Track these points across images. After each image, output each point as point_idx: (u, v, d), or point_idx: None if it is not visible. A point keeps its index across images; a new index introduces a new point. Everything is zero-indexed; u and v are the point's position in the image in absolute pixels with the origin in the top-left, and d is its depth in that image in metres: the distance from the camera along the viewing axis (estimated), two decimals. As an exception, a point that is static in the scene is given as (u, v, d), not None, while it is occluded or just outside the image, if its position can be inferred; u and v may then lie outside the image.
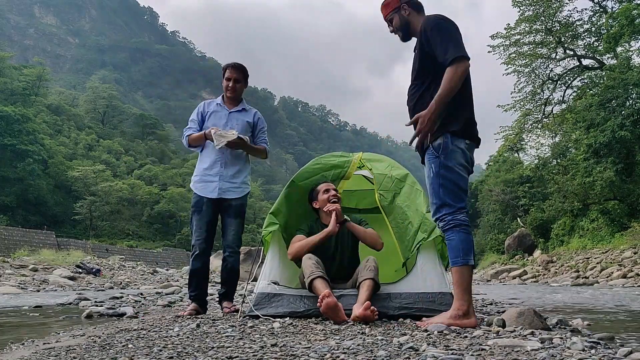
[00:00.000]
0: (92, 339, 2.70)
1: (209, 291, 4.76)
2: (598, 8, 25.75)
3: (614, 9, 23.71)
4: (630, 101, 19.31)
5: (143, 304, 6.51)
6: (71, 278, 15.47)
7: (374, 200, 4.34)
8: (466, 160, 3.03)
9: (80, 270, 18.10)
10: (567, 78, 27.81)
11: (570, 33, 26.29)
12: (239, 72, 4.37)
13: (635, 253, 15.67)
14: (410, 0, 3.22)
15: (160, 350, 2.18)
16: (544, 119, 28.65)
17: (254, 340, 2.43)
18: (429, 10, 3.24)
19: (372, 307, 3.08)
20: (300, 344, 2.28)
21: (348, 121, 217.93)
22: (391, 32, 3.29)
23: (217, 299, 4.53)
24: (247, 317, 3.47)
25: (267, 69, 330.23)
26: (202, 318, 3.67)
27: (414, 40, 3.23)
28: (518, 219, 32.29)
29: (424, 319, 3.10)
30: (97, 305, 5.88)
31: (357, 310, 3.12)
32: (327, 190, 3.92)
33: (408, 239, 3.86)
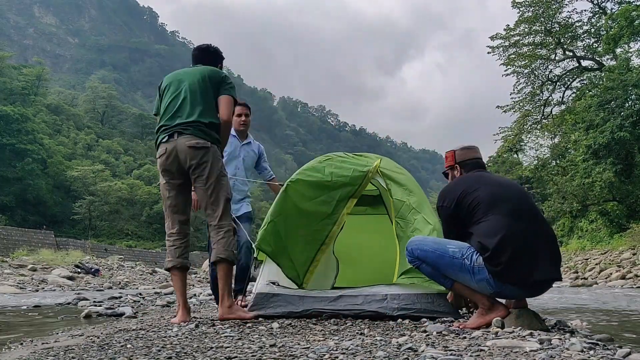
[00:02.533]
0: (91, 339, 2.70)
1: (209, 291, 4.76)
2: (597, 9, 25.79)
3: (613, 10, 23.74)
4: (630, 102, 19.35)
5: (142, 304, 6.51)
6: (70, 278, 15.45)
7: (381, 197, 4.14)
8: None
9: (79, 270, 18.09)
10: (566, 79, 27.86)
11: (570, 34, 26.34)
12: (247, 109, 4.83)
13: (634, 254, 15.68)
14: (465, 161, 3.19)
15: (159, 351, 2.18)
16: (543, 120, 28.69)
17: (253, 341, 2.43)
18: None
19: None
20: (299, 344, 2.27)
21: (347, 121, 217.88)
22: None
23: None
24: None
25: (266, 68, 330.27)
26: (200, 318, 3.66)
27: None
28: (517, 219, 32.17)
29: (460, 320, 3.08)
30: (95, 305, 5.88)
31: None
32: None
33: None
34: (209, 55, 3.66)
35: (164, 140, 3.34)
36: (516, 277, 2.72)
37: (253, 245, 3.70)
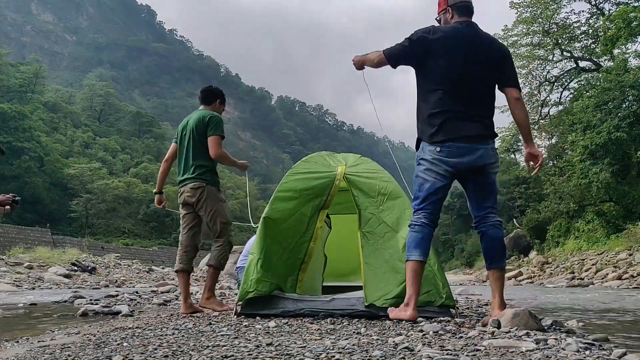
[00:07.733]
0: (87, 337, 2.70)
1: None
2: (595, 10, 25.82)
3: (611, 11, 23.77)
4: (627, 103, 19.38)
5: (138, 302, 6.50)
6: (66, 276, 15.39)
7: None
8: (438, 166, 3.10)
9: (75, 268, 18.03)
10: (564, 80, 27.90)
11: (568, 35, 26.36)
12: None
13: (630, 255, 15.71)
14: (456, 4, 3.22)
15: (156, 349, 2.18)
16: (541, 121, 28.73)
17: (250, 339, 2.43)
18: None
19: None
20: (295, 343, 2.27)
21: (345, 121, 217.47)
22: None
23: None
24: (243, 317, 3.47)
25: (265, 67, 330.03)
26: (197, 317, 3.66)
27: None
28: (514, 220, 32.35)
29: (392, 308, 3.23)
30: (92, 304, 5.87)
31: None
32: None
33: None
34: (205, 96, 4.53)
35: (180, 186, 4.44)
36: (448, 134, 3.04)
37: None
